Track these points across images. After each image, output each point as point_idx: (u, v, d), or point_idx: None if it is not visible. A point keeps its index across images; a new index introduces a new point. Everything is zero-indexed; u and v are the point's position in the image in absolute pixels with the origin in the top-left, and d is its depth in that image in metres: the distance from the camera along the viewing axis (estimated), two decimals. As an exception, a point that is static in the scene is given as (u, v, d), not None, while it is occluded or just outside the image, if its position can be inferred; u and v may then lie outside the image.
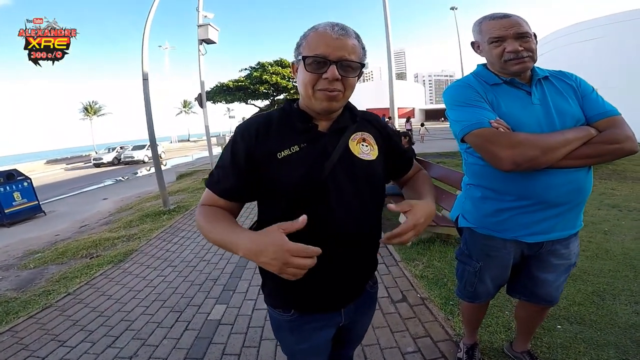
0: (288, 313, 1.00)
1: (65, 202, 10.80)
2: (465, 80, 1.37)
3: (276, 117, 0.98)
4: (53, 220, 7.98)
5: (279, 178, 0.91)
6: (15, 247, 5.77)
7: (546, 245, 1.38)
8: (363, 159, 0.96)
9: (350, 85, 0.90)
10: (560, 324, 2.16)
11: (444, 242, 3.65)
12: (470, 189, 1.48)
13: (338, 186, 0.91)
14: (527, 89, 1.28)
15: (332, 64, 0.85)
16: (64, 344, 2.41)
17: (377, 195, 0.99)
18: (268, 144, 0.92)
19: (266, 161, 0.91)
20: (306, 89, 0.89)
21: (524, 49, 1.23)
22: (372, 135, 1.03)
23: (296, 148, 0.92)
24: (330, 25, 0.87)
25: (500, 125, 1.17)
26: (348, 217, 0.91)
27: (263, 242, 0.74)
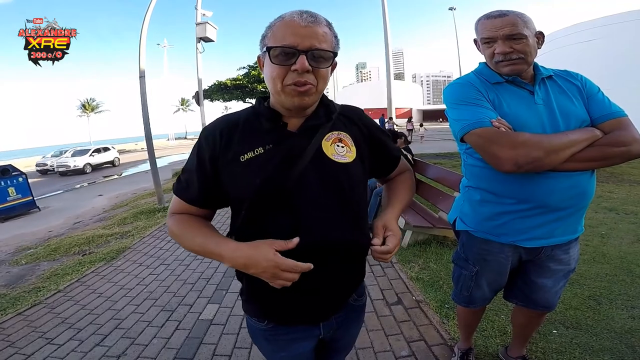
0: (263, 322, 0.94)
1: (60, 197, 10.75)
2: (466, 79, 1.33)
3: (243, 117, 0.90)
4: (47, 216, 7.92)
5: (240, 183, 0.84)
6: (7, 243, 5.72)
7: (545, 251, 1.33)
8: (337, 161, 0.86)
9: (322, 77, 0.82)
10: (556, 328, 2.13)
11: (441, 244, 3.62)
12: (469, 191, 1.43)
13: (307, 192, 0.82)
14: (530, 88, 1.24)
15: (302, 54, 0.76)
16: (52, 341, 2.37)
17: (355, 201, 0.89)
18: (233, 146, 0.85)
19: (230, 165, 0.84)
20: (274, 83, 0.80)
21: (515, 50, 1.18)
22: (351, 135, 0.93)
23: (260, 150, 0.84)
24: (298, 13, 0.79)
25: (501, 125, 1.12)
26: (318, 227, 0.82)
27: (253, 257, 0.75)
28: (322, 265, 0.82)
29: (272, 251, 0.74)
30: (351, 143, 0.91)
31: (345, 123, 0.95)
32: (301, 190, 0.82)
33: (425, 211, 4.07)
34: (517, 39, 1.18)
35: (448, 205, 3.62)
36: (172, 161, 20.59)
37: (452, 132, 1.31)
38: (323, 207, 0.83)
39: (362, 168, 0.92)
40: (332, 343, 1.03)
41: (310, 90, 0.80)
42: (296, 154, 0.84)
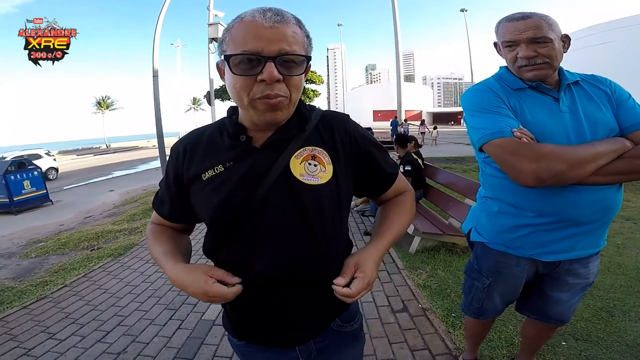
0: (236, 339, 0.89)
1: (73, 192, 10.94)
2: (486, 84, 1.25)
3: (208, 131, 0.83)
4: (59, 209, 8.06)
5: (201, 203, 0.78)
6: (20, 235, 5.83)
7: (564, 265, 1.26)
8: (305, 182, 0.74)
9: (295, 86, 0.71)
10: (565, 340, 2.06)
11: (450, 251, 3.53)
12: (486, 202, 1.37)
13: (268, 217, 0.73)
14: (554, 95, 1.15)
15: (269, 61, 0.65)
16: (54, 336, 2.38)
17: (325, 228, 0.77)
18: (195, 163, 0.79)
19: (193, 184, 0.78)
20: (239, 98, 0.70)
21: (539, 54, 1.11)
22: (329, 150, 0.79)
23: (220, 168, 0.76)
24: (260, 11, 0.67)
25: (523, 135, 1.05)
26: (276, 255, 0.74)
27: (186, 282, 0.72)
28: (283, 293, 0.77)
29: (203, 278, 0.70)
30: (327, 160, 0.78)
31: (324, 135, 0.81)
32: (263, 214, 0.73)
33: (435, 217, 3.98)
34: (541, 43, 1.11)
35: (458, 212, 3.55)
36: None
37: (470, 140, 1.24)
38: (284, 234, 0.74)
39: (338, 190, 0.79)
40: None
41: (282, 103, 0.69)
42: (259, 172, 0.74)
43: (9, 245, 5.20)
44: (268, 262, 0.73)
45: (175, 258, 0.79)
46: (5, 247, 5.05)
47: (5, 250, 4.90)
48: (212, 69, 9.23)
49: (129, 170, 16.99)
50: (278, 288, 0.76)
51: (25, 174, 8.18)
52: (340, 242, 0.84)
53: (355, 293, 0.72)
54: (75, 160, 26.10)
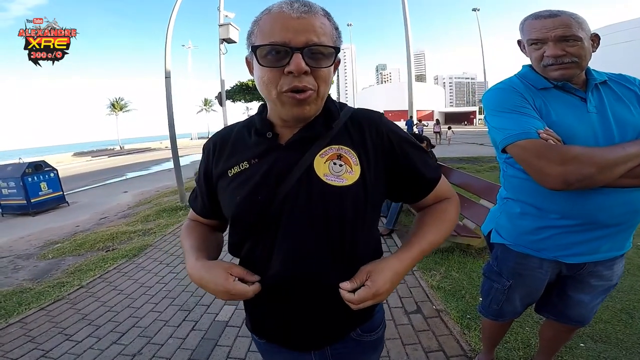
0: (257, 337, 0.90)
1: (88, 193, 11.15)
2: (509, 83, 1.21)
3: (237, 128, 0.84)
4: (75, 211, 8.22)
5: (226, 199, 0.78)
6: (37, 237, 5.96)
7: (588, 267, 1.23)
8: (329, 183, 0.71)
9: (324, 78, 0.68)
10: (583, 342, 2.02)
11: (464, 252, 3.48)
12: (507, 203, 1.33)
13: (287, 218, 0.72)
14: (581, 95, 1.12)
15: (296, 52, 0.63)
16: (70, 337, 2.42)
17: (347, 234, 0.73)
18: (224, 159, 0.80)
19: (221, 180, 0.79)
20: (267, 91, 0.68)
21: (568, 53, 1.07)
22: (357, 150, 0.75)
23: (246, 165, 0.75)
24: (288, 3, 0.65)
25: (550, 137, 1.01)
26: (290, 259, 0.72)
27: (204, 279, 0.72)
28: (298, 296, 0.75)
29: (224, 276, 0.69)
30: (355, 161, 0.74)
31: (353, 134, 0.77)
32: (283, 214, 0.71)
33: None
34: (570, 41, 1.07)
35: (473, 213, 3.48)
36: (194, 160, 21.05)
37: (492, 141, 1.21)
38: (301, 238, 0.72)
39: (365, 193, 0.74)
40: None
41: (311, 97, 0.67)
42: (282, 170, 0.72)
43: (27, 246, 5.32)
44: (283, 263, 0.72)
45: (198, 254, 0.78)
46: (23, 249, 5.17)
47: (23, 251, 5.01)
48: (223, 69, 9.30)
49: (142, 171, 17.25)
50: (293, 290, 0.75)
51: (42, 175, 8.36)
52: (365, 250, 0.79)
53: (356, 300, 0.68)
54: (90, 162, 26.65)
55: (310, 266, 0.73)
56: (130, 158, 27.95)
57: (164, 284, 3.22)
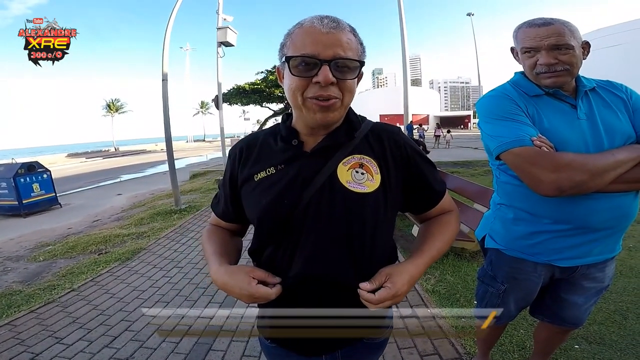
0: (267, 340, 0.92)
1: (82, 195, 11.03)
2: (502, 90, 1.23)
3: (263, 135, 0.88)
4: (68, 212, 8.12)
5: (251, 203, 0.81)
6: (28, 238, 5.87)
7: (580, 269, 1.26)
8: (351, 189, 0.76)
9: (348, 89, 0.73)
10: (578, 343, 2.05)
11: (458, 256, 3.50)
12: (501, 209, 1.36)
13: (311, 222, 0.75)
14: (572, 102, 1.15)
15: (324, 64, 0.69)
16: (61, 341, 2.39)
17: (366, 238, 0.77)
18: (250, 165, 0.84)
19: (246, 184, 0.83)
20: (294, 97, 0.73)
21: (560, 61, 1.10)
22: (378, 160, 0.81)
23: (272, 170, 0.80)
24: (319, 18, 0.72)
25: (543, 144, 1.04)
26: (312, 262, 0.76)
27: (229, 284, 0.74)
28: (315, 299, 0.77)
29: (247, 280, 0.72)
30: (375, 170, 0.79)
31: (374, 145, 0.83)
32: (306, 218, 0.76)
33: None
34: (563, 50, 1.09)
35: (467, 217, 3.50)
36: (190, 163, 20.95)
37: (485, 148, 1.23)
38: (322, 241, 0.76)
39: (385, 200, 0.79)
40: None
41: (334, 105, 0.72)
42: (306, 177, 0.77)
43: (17, 248, 5.23)
44: (304, 265, 0.76)
45: (220, 260, 0.82)
46: (13, 250, 5.09)
47: (14, 253, 4.93)
48: (220, 72, 9.30)
49: (137, 174, 17.13)
50: (312, 292, 0.77)
51: (34, 176, 8.26)
52: (382, 256, 0.82)
53: (376, 300, 0.70)
54: (84, 163, 26.42)
55: (330, 268, 0.76)
56: (125, 160, 27.75)
57: (158, 288, 3.19)
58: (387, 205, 0.79)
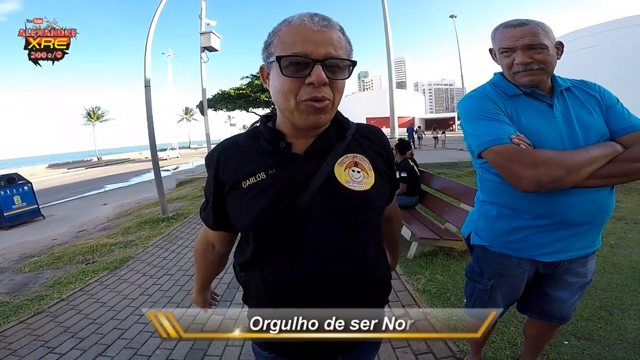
0: (265, 351, 0.88)
1: (65, 206, 10.75)
2: (482, 91, 1.28)
3: (242, 139, 0.84)
4: (52, 224, 7.92)
5: (242, 211, 0.77)
6: (11, 251, 5.71)
7: (563, 264, 1.30)
8: (353, 189, 0.75)
9: (339, 90, 0.72)
10: (567, 339, 2.10)
11: (447, 255, 3.56)
12: (484, 206, 1.39)
13: (313, 224, 0.73)
14: (548, 101, 1.20)
15: (317, 64, 0.66)
16: (54, 350, 2.35)
17: (372, 234, 0.80)
18: (233, 171, 0.78)
19: (232, 192, 0.78)
20: (286, 100, 0.70)
21: (535, 60, 1.15)
22: (369, 158, 0.82)
23: (262, 175, 0.75)
24: (309, 16, 0.69)
25: (521, 142, 1.08)
26: (322, 264, 0.73)
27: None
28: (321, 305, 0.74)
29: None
30: (369, 167, 0.80)
31: (363, 144, 0.84)
32: (306, 222, 0.73)
33: (432, 222, 4.01)
34: (537, 49, 1.15)
35: (454, 216, 3.60)
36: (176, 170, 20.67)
37: (468, 147, 1.28)
38: (326, 244, 0.73)
39: (381, 197, 0.82)
40: None
41: (327, 107, 0.70)
42: (302, 180, 0.74)
43: (1, 260, 5.09)
44: (310, 269, 0.73)
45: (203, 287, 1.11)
46: (-3, 263, 4.95)
47: (-3, 265, 4.80)
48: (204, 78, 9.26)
49: (121, 183, 16.80)
50: (317, 298, 0.74)
51: (15, 189, 8.03)
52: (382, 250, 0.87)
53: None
54: (67, 174, 25.74)
55: (339, 270, 0.74)
56: (108, 169, 27.17)
57: (149, 296, 3.16)
58: (383, 200, 0.83)
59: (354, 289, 0.77)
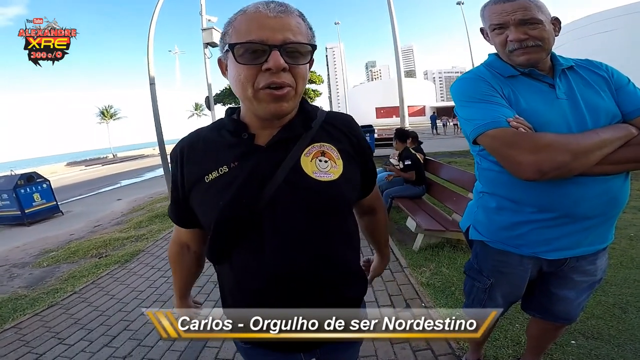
0: (242, 343, 0.87)
1: (82, 202, 11.06)
2: (476, 72, 1.17)
3: (205, 132, 0.81)
4: (70, 220, 8.18)
5: (205, 207, 0.75)
6: (33, 246, 5.94)
7: (570, 262, 1.17)
8: (319, 179, 0.73)
9: (301, 76, 0.69)
10: (574, 338, 1.96)
11: (454, 248, 3.45)
12: (483, 197, 1.27)
13: (279, 217, 0.71)
14: (549, 81, 1.08)
15: (274, 49, 0.64)
16: (63, 341, 2.46)
17: (341, 226, 0.78)
18: (196, 165, 0.76)
19: (195, 187, 0.76)
20: (243, 89, 0.68)
21: (531, 36, 1.03)
22: (337, 147, 0.79)
23: (225, 169, 0.73)
24: (264, 3, 0.67)
25: (520, 125, 0.97)
26: (288, 257, 0.72)
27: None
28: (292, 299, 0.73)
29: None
30: (337, 156, 0.77)
31: (332, 133, 0.80)
32: (271, 215, 0.71)
33: (438, 213, 3.89)
34: (531, 24, 1.04)
35: (461, 207, 3.44)
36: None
37: (464, 133, 1.16)
38: (295, 235, 0.72)
39: (351, 186, 0.79)
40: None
41: (288, 94, 0.68)
42: (265, 172, 0.72)
43: (22, 255, 5.30)
44: (277, 265, 0.71)
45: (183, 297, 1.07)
46: (19, 258, 5.16)
47: (19, 260, 5.01)
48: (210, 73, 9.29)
49: (135, 178, 17.16)
50: (290, 293, 0.73)
51: (34, 187, 8.32)
52: (355, 241, 0.85)
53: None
54: (84, 171, 26.47)
55: (306, 263, 0.73)
56: (123, 166, 27.77)
57: (155, 288, 3.26)
58: (352, 189, 0.80)
59: (321, 283, 0.75)
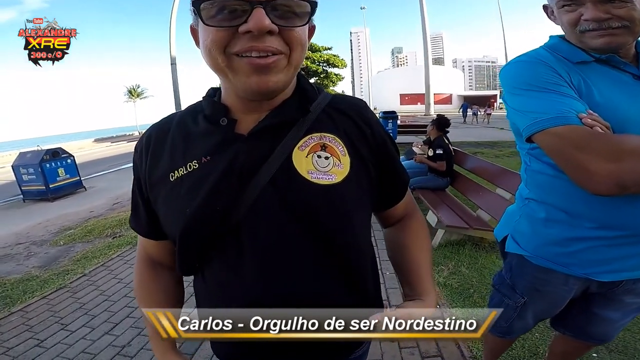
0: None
1: (105, 178, 11.33)
2: (535, 55, 0.93)
3: (177, 117, 0.64)
4: (91, 195, 8.39)
5: (168, 213, 0.59)
6: (54, 223, 6.08)
7: (625, 284, 0.99)
8: (316, 182, 0.55)
9: (297, 41, 0.51)
10: (596, 351, 1.82)
11: (476, 246, 3.25)
12: (529, 205, 1.08)
13: (262, 230, 0.55)
14: (634, 72, 0.86)
15: (257, 6, 0.46)
16: (66, 327, 2.43)
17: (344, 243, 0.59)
18: (162, 159, 0.60)
19: (157, 187, 0.60)
20: (212, 57, 0.50)
21: (614, 16, 0.81)
22: (344, 139, 0.60)
23: (195, 164, 0.57)
24: None
25: (596, 123, 0.76)
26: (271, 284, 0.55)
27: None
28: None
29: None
30: (342, 151, 0.59)
31: (337, 120, 0.61)
32: (253, 227, 0.55)
33: (462, 208, 3.63)
34: (617, 2, 0.80)
35: (488, 203, 3.24)
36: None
37: (512, 127, 0.99)
38: (283, 254, 0.55)
39: (360, 190, 0.60)
40: None
41: (278, 63, 0.50)
42: (245, 170, 0.55)
43: (43, 232, 5.42)
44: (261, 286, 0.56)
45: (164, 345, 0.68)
46: (39, 235, 5.27)
47: (39, 237, 5.11)
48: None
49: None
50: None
51: (59, 161, 8.54)
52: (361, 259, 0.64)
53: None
54: (110, 147, 27.28)
55: (297, 286, 0.56)
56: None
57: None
58: (362, 194, 0.60)
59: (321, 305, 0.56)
